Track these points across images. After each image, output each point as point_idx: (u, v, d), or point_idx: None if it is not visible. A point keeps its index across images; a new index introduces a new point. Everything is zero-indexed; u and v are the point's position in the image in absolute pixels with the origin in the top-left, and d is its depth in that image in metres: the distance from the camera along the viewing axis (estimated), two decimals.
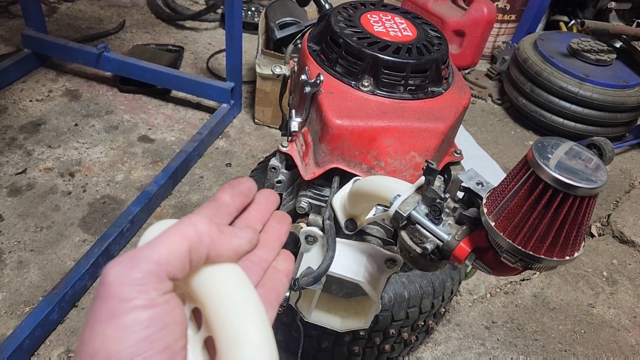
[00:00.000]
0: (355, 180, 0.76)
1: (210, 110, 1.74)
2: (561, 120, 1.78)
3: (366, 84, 0.82)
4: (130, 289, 0.25)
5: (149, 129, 1.64)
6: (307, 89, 0.82)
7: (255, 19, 2.20)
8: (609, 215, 1.57)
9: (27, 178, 1.40)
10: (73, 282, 1.08)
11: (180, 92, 1.77)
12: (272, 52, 1.54)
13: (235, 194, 0.37)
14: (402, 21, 0.92)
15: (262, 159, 1.21)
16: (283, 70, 0.96)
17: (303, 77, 0.84)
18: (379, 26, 0.88)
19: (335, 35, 0.84)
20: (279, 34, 1.58)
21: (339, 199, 0.77)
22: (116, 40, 2.07)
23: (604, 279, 1.38)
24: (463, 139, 1.80)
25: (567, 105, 1.74)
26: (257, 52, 1.62)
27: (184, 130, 1.65)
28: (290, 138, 0.89)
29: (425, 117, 0.82)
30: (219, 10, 2.23)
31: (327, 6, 0.95)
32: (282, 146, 0.88)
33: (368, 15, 0.91)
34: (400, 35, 0.87)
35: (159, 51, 1.90)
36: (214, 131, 1.60)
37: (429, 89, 0.86)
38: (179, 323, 0.28)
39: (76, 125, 1.61)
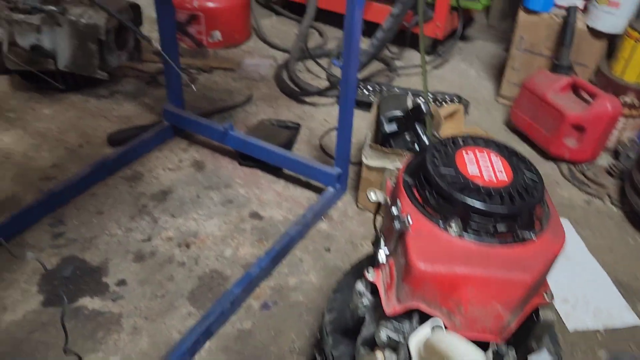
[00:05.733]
0: (434, 325, 0.79)
1: (317, 189, 1.84)
2: None
3: (454, 226, 0.85)
4: None
5: (260, 204, 1.78)
6: (397, 225, 0.87)
7: (371, 98, 2.30)
8: None
9: (151, 245, 1.58)
10: (175, 358, 1.20)
11: None
12: (379, 146, 1.60)
13: None
14: (498, 159, 0.93)
15: (358, 260, 1.26)
16: (378, 196, 1.01)
17: (394, 211, 0.89)
18: (474, 166, 0.91)
19: (429, 174, 0.88)
20: (388, 128, 1.65)
21: (416, 342, 0.80)
22: (242, 112, 2.27)
23: None
24: (572, 242, 1.71)
25: None
26: (366, 140, 1.69)
27: (291, 210, 1.76)
28: (376, 265, 0.93)
29: (511, 266, 0.82)
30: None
31: (426, 141, 0.99)
32: (368, 273, 0.92)
33: (464, 152, 0.94)
34: (494, 179, 0.89)
35: (278, 128, 2.06)
36: (318, 214, 1.69)
37: (519, 234, 0.86)
38: None
39: (198, 196, 1.79)
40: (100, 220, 1.66)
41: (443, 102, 2.25)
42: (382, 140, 1.70)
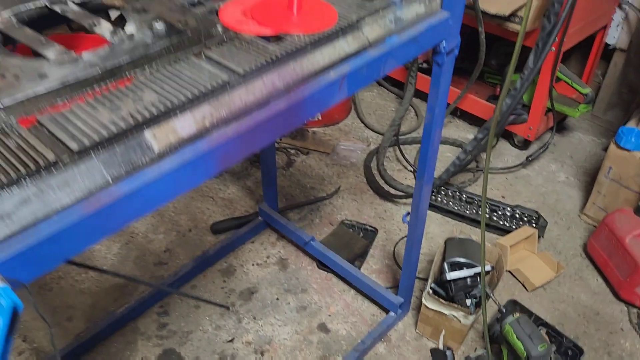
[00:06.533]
0: None
1: (382, 307, 2.04)
2: None
3: None
4: None
5: (329, 315, 2.02)
6: None
7: (449, 205, 2.42)
8: None
9: (232, 348, 1.89)
10: None
11: None
12: (437, 297, 1.77)
13: None
14: None
15: None
16: None
17: None
18: None
19: None
20: (449, 276, 1.80)
21: None
22: (328, 205, 2.51)
23: None
24: None
25: None
26: (427, 285, 1.86)
27: (356, 325, 1.99)
28: None
29: None
30: None
31: None
32: None
33: None
34: None
35: (355, 236, 2.29)
36: (377, 339, 1.90)
37: None
38: None
39: (277, 299, 2.07)
40: (196, 314, 2.00)
41: (520, 221, 2.32)
42: (442, 283, 1.86)
